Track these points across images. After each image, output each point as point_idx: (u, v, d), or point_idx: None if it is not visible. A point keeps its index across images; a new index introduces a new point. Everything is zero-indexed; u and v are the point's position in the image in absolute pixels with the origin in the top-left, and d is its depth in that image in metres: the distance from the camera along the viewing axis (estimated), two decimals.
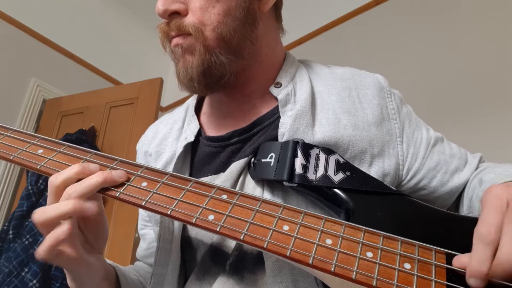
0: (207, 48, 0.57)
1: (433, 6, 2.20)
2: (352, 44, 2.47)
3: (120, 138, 2.24)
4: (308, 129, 0.57)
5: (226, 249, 0.56)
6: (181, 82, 0.60)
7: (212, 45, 0.57)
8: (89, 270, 0.50)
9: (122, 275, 0.60)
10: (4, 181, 2.38)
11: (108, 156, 0.52)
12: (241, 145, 0.61)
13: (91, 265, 0.50)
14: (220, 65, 0.57)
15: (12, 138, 0.54)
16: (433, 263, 0.38)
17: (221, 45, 0.57)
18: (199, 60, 0.57)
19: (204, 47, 0.56)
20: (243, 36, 0.58)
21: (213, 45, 0.57)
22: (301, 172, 0.51)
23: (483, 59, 1.90)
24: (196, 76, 0.57)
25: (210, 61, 0.57)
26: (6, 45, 2.53)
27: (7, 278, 1.73)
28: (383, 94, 0.63)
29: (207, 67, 0.57)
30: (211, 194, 0.46)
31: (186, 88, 0.60)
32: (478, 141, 1.72)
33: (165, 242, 0.58)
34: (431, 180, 0.61)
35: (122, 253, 1.83)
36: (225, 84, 0.60)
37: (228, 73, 0.59)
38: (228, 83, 0.60)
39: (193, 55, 0.57)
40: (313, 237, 0.41)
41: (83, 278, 0.51)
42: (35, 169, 0.50)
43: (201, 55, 0.57)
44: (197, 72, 0.57)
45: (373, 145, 0.58)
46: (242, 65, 0.61)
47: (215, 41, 0.57)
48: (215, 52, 0.57)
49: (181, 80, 0.60)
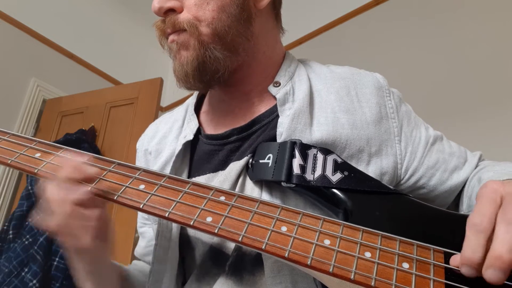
0: (202, 43, 0.57)
1: (433, 6, 2.20)
2: (352, 44, 2.46)
3: (120, 138, 2.24)
4: (306, 128, 0.57)
5: (226, 250, 0.56)
6: (178, 78, 0.61)
7: (207, 40, 0.57)
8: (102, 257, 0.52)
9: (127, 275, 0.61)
10: (4, 181, 2.38)
11: (106, 159, 0.52)
12: (240, 144, 0.61)
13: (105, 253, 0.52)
14: (214, 60, 0.58)
15: (9, 142, 0.54)
16: (431, 262, 0.38)
17: (216, 40, 0.58)
18: (194, 55, 0.58)
19: (198, 42, 0.57)
20: (237, 32, 0.59)
21: (208, 40, 0.57)
22: (299, 172, 0.51)
23: (483, 59, 1.90)
24: (191, 71, 0.58)
25: (204, 56, 0.57)
26: (6, 45, 2.53)
27: (7, 278, 1.73)
28: (382, 93, 0.63)
29: (201, 62, 0.58)
30: (209, 195, 0.46)
31: (182, 84, 0.61)
32: (478, 141, 1.72)
33: (163, 239, 0.58)
34: (430, 179, 0.61)
35: (122, 253, 1.83)
36: (220, 79, 0.60)
37: (223, 68, 0.59)
38: (223, 79, 0.60)
39: (188, 50, 0.58)
40: (311, 237, 0.41)
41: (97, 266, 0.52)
42: (32, 173, 0.50)
43: (195, 49, 0.57)
44: (192, 67, 0.58)
45: (371, 144, 0.58)
46: (238, 62, 0.61)
47: (210, 36, 0.57)
48: (210, 47, 0.57)
49: (177, 76, 0.61)
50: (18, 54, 2.59)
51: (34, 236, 1.84)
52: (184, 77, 0.59)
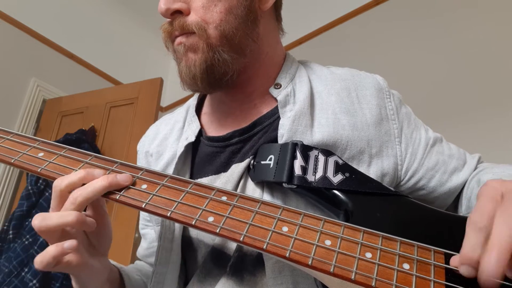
0: (210, 46, 0.57)
1: (433, 7, 2.20)
2: (352, 44, 2.47)
3: (120, 138, 2.24)
4: (307, 130, 0.57)
5: (227, 251, 0.56)
6: (184, 81, 0.60)
7: (215, 43, 0.57)
8: (92, 273, 0.50)
9: (126, 275, 0.60)
10: (4, 181, 2.38)
11: (108, 158, 0.52)
12: (242, 145, 0.61)
13: (94, 269, 0.50)
14: (223, 63, 0.58)
15: (13, 142, 0.55)
16: (432, 263, 0.38)
17: (224, 42, 0.58)
18: (202, 58, 0.57)
19: (207, 45, 0.57)
20: (245, 34, 0.59)
21: (216, 43, 0.57)
22: (300, 173, 0.52)
23: (484, 59, 1.90)
24: (200, 74, 0.58)
25: (213, 59, 0.57)
26: (6, 45, 2.53)
27: (7, 278, 1.73)
28: (382, 94, 0.64)
29: (210, 65, 0.57)
30: (211, 196, 0.46)
31: (189, 86, 0.61)
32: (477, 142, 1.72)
33: (166, 241, 0.58)
34: (430, 180, 0.61)
35: (122, 253, 1.83)
36: (227, 82, 0.60)
37: (231, 71, 0.59)
38: (231, 81, 0.60)
39: (196, 53, 0.58)
40: (312, 238, 0.41)
41: (86, 281, 0.51)
42: (36, 172, 0.50)
43: (204, 53, 0.57)
44: (200, 70, 0.58)
45: (371, 145, 0.58)
46: (244, 63, 0.61)
47: (218, 39, 0.57)
48: (218, 50, 0.57)
49: (183, 79, 0.60)
50: (18, 54, 2.59)
51: (34, 236, 1.85)
52: (192, 80, 0.59)
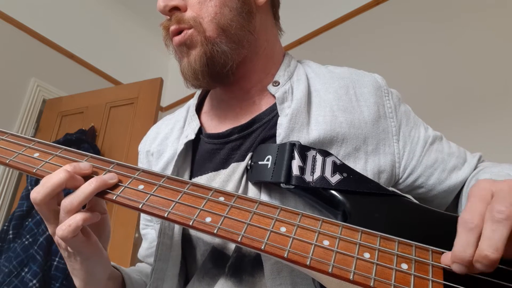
0: (208, 38, 0.59)
1: (433, 7, 2.20)
2: (352, 44, 2.46)
3: (120, 138, 2.24)
4: (304, 128, 0.57)
5: (226, 251, 0.56)
6: (186, 78, 0.62)
7: (212, 35, 0.59)
8: (101, 259, 0.51)
9: (126, 275, 0.61)
10: (4, 181, 2.38)
11: (105, 159, 0.52)
12: (241, 142, 0.61)
13: (103, 256, 0.52)
14: (222, 54, 0.59)
15: (8, 142, 0.54)
16: (430, 263, 0.38)
17: (221, 34, 0.59)
18: (202, 51, 0.59)
19: (205, 38, 0.59)
20: (240, 25, 0.61)
21: (213, 35, 0.59)
22: (298, 174, 0.52)
23: (484, 59, 1.90)
24: (200, 67, 0.59)
25: (212, 51, 0.59)
26: (6, 45, 2.53)
27: (7, 278, 1.73)
28: (381, 93, 0.64)
29: (210, 57, 0.59)
30: (208, 196, 0.46)
31: (191, 83, 0.62)
32: (478, 142, 1.72)
33: (166, 237, 0.58)
34: (429, 178, 0.61)
35: (122, 253, 1.83)
36: (228, 74, 0.61)
37: (231, 61, 0.60)
38: (231, 73, 0.61)
39: (195, 48, 0.60)
40: (311, 238, 0.41)
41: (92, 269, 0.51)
42: (31, 173, 0.49)
43: (203, 45, 0.59)
44: (200, 63, 0.59)
45: (368, 143, 0.59)
46: (243, 55, 0.62)
47: (215, 31, 0.59)
48: (216, 42, 0.59)
49: (185, 76, 0.62)
50: (18, 54, 2.59)
51: (34, 236, 1.85)
52: (193, 75, 0.60)
